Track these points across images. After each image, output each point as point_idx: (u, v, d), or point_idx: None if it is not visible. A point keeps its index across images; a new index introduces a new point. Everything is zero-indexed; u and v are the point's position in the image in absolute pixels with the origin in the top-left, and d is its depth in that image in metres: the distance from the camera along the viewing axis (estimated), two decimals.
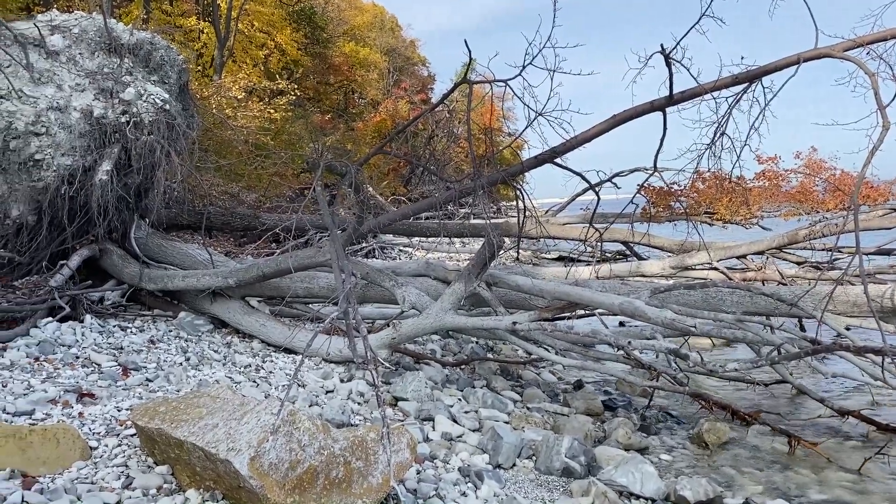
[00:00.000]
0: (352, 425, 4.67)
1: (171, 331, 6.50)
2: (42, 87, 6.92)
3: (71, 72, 7.13)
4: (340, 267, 4.18)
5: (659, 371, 5.63)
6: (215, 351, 6.14)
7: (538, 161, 5.52)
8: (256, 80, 21.07)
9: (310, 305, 7.79)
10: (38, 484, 3.22)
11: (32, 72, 6.90)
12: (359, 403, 5.21)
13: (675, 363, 5.37)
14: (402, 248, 17.02)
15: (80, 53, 7.34)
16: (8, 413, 4.05)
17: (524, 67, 4.67)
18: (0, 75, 6.69)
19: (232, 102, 17.33)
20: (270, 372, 5.65)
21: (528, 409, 5.85)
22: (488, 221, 5.23)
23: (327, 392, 5.37)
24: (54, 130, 6.78)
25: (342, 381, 5.68)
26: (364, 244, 13.96)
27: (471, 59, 4.69)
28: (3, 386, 4.49)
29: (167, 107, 7.25)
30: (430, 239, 14.90)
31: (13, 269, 6.83)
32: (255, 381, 5.28)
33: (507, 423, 5.22)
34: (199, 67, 23.60)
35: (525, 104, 4.79)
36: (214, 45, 23.13)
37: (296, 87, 22.29)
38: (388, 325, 5.94)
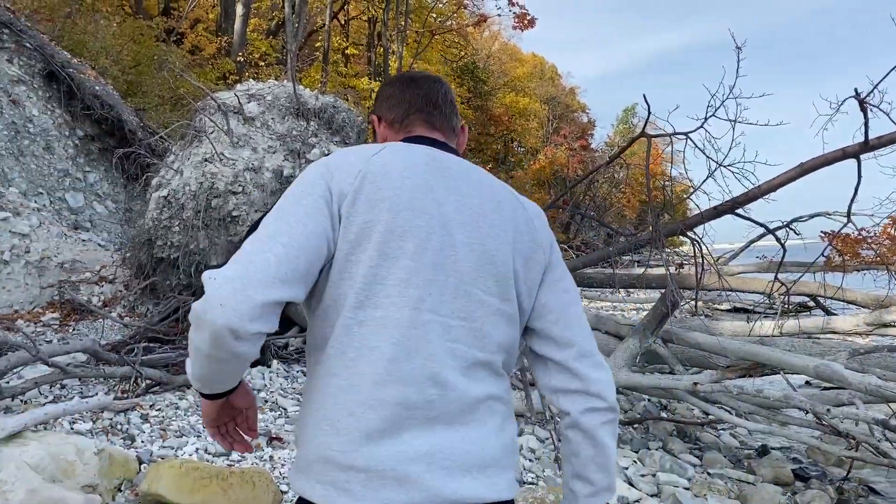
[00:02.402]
0: (524, 483, 4.61)
1: None
2: (240, 150, 7.60)
3: (264, 135, 7.79)
4: None
5: (858, 440, 5.12)
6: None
7: (717, 212, 5.29)
8: None
9: None
10: None
11: (232, 136, 7.60)
12: (530, 460, 5.13)
13: (884, 433, 4.86)
14: None
15: (272, 118, 8.01)
16: (209, 454, 4.38)
17: (706, 119, 4.54)
18: (205, 140, 7.43)
19: None
20: None
21: (709, 474, 5.49)
22: (669, 274, 5.06)
23: None
24: (249, 189, 7.40)
25: None
26: None
27: (649, 112, 4.62)
28: (204, 427, 4.88)
29: None
30: (592, 289, 14.64)
31: None
32: None
33: (687, 489, 4.93)
34: (370, 125, 24.97)
35: (707, 156, 4.64)
36: None
37: None
38: None
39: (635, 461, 5.39)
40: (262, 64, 21.53)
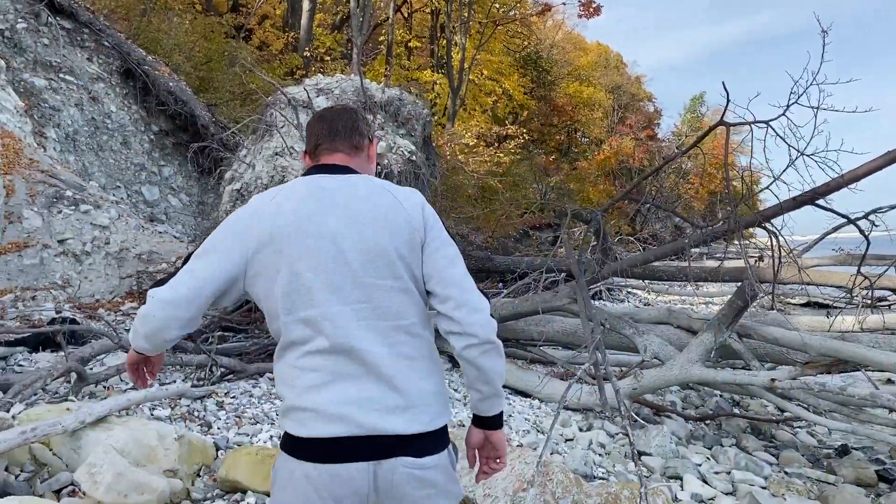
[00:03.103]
0: (595, 478, 4.56)
1: None
2: None
3: None
4: (589, 316, 4.13)
5: None
6: (455, 390, 6.33)
7: (797, 203, 5.09)
8: (485, 127, 21.89)
9: (541, 348, 7.80)
10: None
11: (301, 130, 7.72)
12: (600, 455, 5.07)
13: None
14: (630, 290, 16.56)
15: None
16: None
17: (788, 107, 4.37)
18: (276, 134, 7.57)
19: (463, 149, 18.15)
20: (510, 415, 5.71)
21: (786, 473, 5.33)
22: (749, 266, 4.90)
23: (566, 440, 5.30)
24: None
25: (581, 429, 5.58)
26: (591, 286, 13.74)
27: (728, 100, 4.47)
28: (278, 415, 4.98)
29: (414, 158, 7.74)
30: (662, 282, 14.36)
31: None
32: None
33: (764, 488, 4.79)
34: (434, 117, 25.08)
35: (788, 144, 4.46)
36: (447, 95, 24.46)
37: (523, 130, 22.83)
38: (626, 375, 5.76)
39: (708, 458, 5.27)
40: (328, 59, 21.80)
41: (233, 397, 5.27)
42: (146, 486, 3.07)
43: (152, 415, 4.58)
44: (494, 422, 1.90)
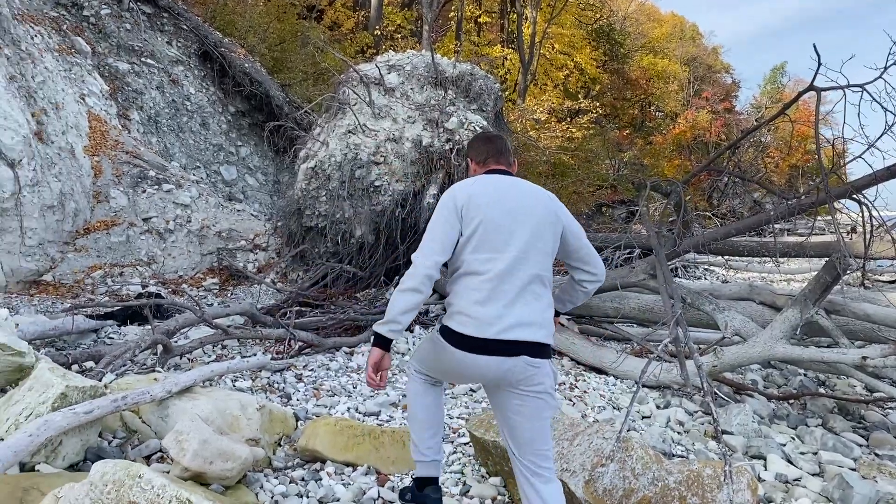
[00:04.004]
0: (673, 455, 4.46)
1: None
2: (381, 121, 7.75)
3: (404, 105, 7.89)
4: (669, 291, 4.02)
5: None
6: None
7: (892, 173, 4.81)
8: (557, 102, 21.55)
9: (615, 325, 7.67)
10: (390, 482, 3.54)
11: (374, 107, 7.76)
12: (678, 433, 4.96)
13: None
14: (706, 266, 16.11)
15: (411, 88, 8.10)
16: (360, 413, 4.54)
17: (885, 69, 4.10)
18: (349, 112, 7.62)
19: (534, 124, 17.94)
20: (584, 391, 5.64)
21: (877, 455, 5.09)
22: (840, 239, 4.67)
23: (643, 417, 5.20)
24: (390, 159, 7.54)
25: (658, 407, 5.47)
26: (669, 261, 13.37)
27: (819, 63, 4.23)
28: (354, 387, 5.07)
29: None
30: (742, 258, 13.90)
31: (356, 283, 7.73)
32: (570, 400, 5.30)
33: (853, 469, 4.59)
34: (504, 93, 24.85)
35: (885, 109, 4.19)
36: (517, 70, 24.17)
37: (596, 104, 22.37)
38: (706, 352, 5.60)
39: (793, 438, 5.08)
40: (398, 36, 21.83)
41: (311, 370, 5.39)
42: (230, 454, 3.16)
43: (234, 386, 4.73)
44: (558, 314, 2.96)
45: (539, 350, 2.55)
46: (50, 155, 8.21)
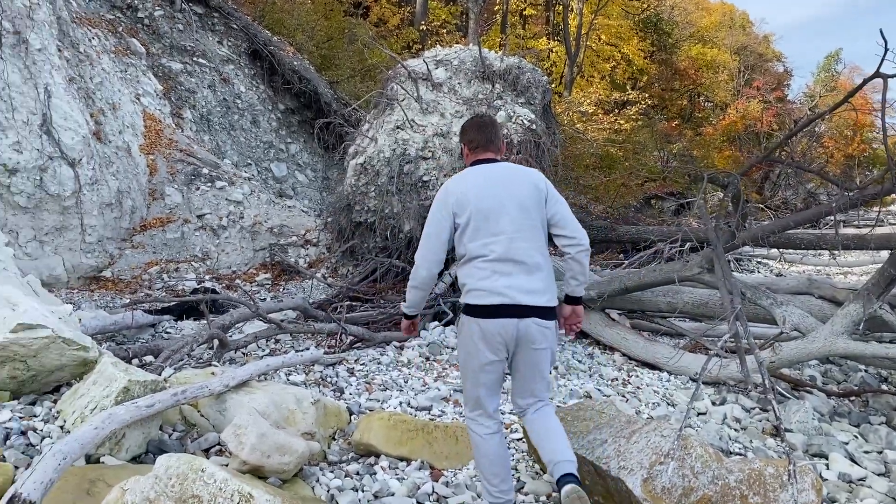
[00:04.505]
0: (731, 453, 4.38)
1: None
2: (429, 116, 7.76)
3: (451, 100, 7.88)
4: (728, 287, 3.93)
5: None
6: (579, 361, 6.24)
7: None
8: (604, 94, 21.28)
9: (668, 320, 7.54)
10: (444, 477, 3.54)
11: (421, 103, 7.77)
12: (735, 430, 4.86)
13: None
14: (759, 259, 15.73)
15: (458, 83, 8.08)
16: (412, 407, 4.56)
17: None
18: (397, 108, 7.65)
19: (580, 117, 17.74)
20: (638, 387, 5.57)
21: None
22: None
23: (699, 414, 5.11)
24: (438, 154, 7.54)
25: (713, 403, 5.37)
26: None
27: (886, 49, 4.08)
28: (405, 382, 5.09)
29: (534, 126, 7.62)
30: (796, 251, 13.54)
31: (405, 277, 7.74)
32: (624, 396, 5.24)
33: None
34: (550, 85, 24.63)
35: None
36: (563, 62, 23.94)
37: (645, 95, 22.02)
38: (763, 347, 5.47)
39: (856, 436, 4.94)
40: (443, 31, 21.82)
41: (362, 364, 5.43)
42: (287, 448, 3.20)
43: (288, 380, 4.79)
44: (579, 300, 3.21)
45: (546, 312, 2.95)
46: (108, 154, 8.43)
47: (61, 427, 3.19)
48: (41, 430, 3.13)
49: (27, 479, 2.30)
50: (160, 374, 4.18)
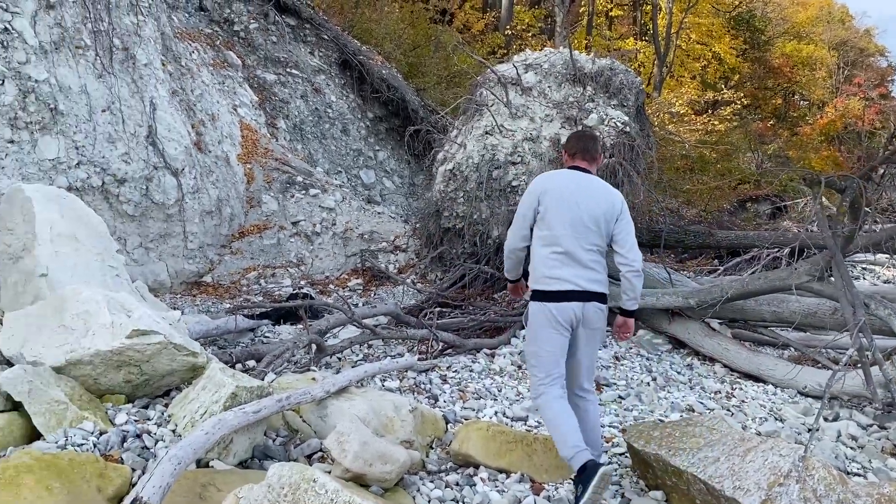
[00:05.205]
0: (849, 474, 4.12)
1: (630, 348, 6.58)
2: (518, 121, 7.69)
3: (541, 104, 7.79)
4: (850, 297, 3.70)
5: None
6: (678, 372, 6.03)
7: None
8: (695, 94, 20.66)
9: (772, 329, 7.20)
10: (545, 490, 3.46)
11: (511, 107, 7.71)
12: (852, 448, 4.57)
13: None
14: (864, 266, 14.91)
15: (548, 87, 7.98)
16: (507, 417, 4.49)
17: None
18: (486, 113, 7.62)
19: (671, 118, 17.28)
20: (742, 401, 5.33)
21: None
22: None
23: (809, 430, 4.84)
24: (528, 159, 7.46)
25: (825, 419, 5.07)
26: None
27: None
28: (499, 391, 5.03)
29: (627, 129, 7.45)
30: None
31: (493, 284, 7.70)
32: (728, 410, 5.02)
33: None
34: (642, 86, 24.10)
35: None
36: (651, 63, 23.40)
37: (740, 95, 21.24)
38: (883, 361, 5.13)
39: None
40: (528, 35, 21.70)
41: (454, 371, 5.40)
42: (389, 457, 3.19)
43: (383, 386, 4.81)
44: (631, 313, 3.57)
45: (602, 298, 3.45)
46: (208, 163, 8.75)
47: (173, 431, 3.29)
48: (155, 434, 3.23)
49: (147, 483, 2.37)
50: (263, 380, 4.27)
